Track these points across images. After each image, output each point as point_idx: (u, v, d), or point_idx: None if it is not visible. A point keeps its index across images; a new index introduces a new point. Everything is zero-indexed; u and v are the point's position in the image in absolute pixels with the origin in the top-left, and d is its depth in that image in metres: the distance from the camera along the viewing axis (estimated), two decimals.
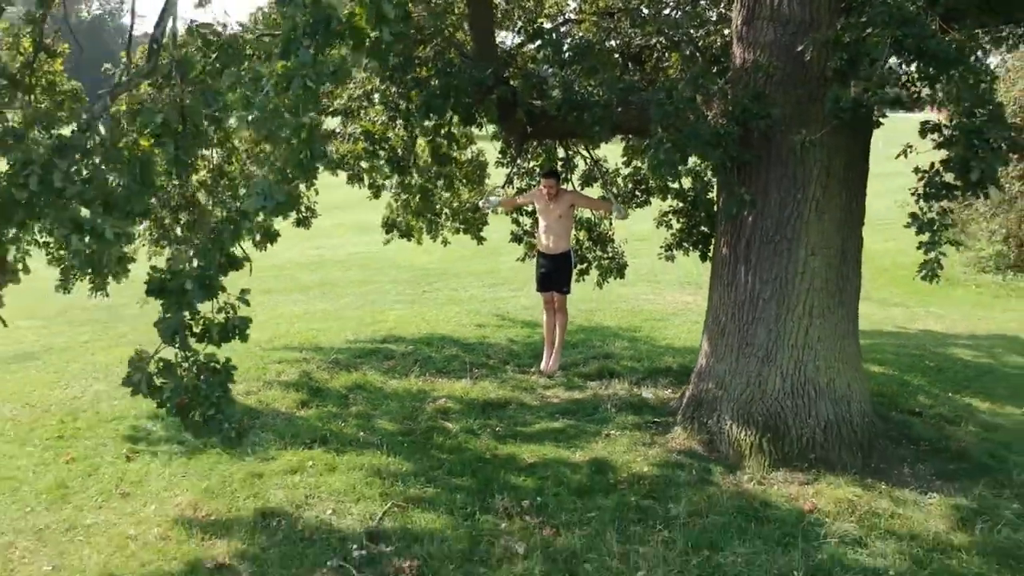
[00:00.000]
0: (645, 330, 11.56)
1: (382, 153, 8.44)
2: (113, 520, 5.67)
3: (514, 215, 10.39)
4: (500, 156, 9.84)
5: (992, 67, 6.90)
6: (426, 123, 7.61)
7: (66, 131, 3.30)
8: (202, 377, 3.59)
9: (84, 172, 3.04)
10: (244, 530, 5.48)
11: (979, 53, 5.78)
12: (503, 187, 9.63)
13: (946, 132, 5.60)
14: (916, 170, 5.76)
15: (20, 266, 4.30)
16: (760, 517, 5.66)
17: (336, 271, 18.29)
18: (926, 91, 5.77)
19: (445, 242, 11.26)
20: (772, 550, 5.25)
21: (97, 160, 3.06)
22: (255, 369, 9.06)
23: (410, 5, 4.51)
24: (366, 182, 9.84)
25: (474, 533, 5.44)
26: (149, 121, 3.13)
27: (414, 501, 5.88)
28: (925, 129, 5.71)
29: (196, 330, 3.56)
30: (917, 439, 7.12)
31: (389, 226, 10.50)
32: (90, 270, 3.70)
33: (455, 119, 7.59)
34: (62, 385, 8.91)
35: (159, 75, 3.41)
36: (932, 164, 5.68)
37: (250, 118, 3.01)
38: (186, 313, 3.39)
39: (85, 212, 3.02)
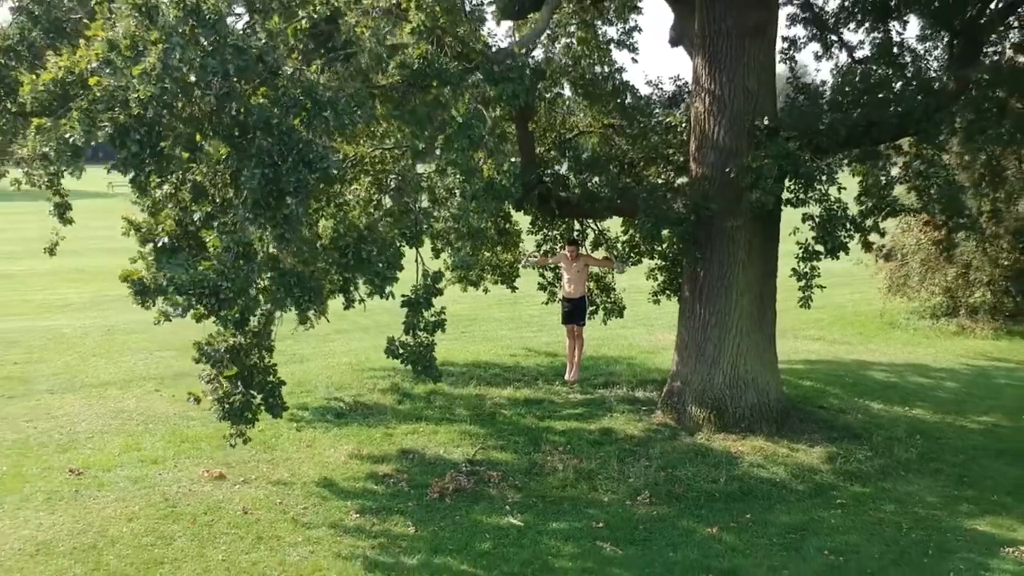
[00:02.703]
0: (639, 359, 15.12)
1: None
2: (310, 455, 9.27)
3: (541, 272, 14.10)
4: (531, 227, 13.61)
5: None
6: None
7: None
8: (421, 348, 7.26)
9: (375, 248, 6.68)
10: (393, 459, 9.12)
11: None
12: (537, 251, 13.40)
13: (816, 220, 9.39)
14: (798, 243, 9.47)
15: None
16: (705, 454, 9.29)
17: (385, 316, 21.85)
18: (802, 196, 9.51)
19: (486, 290, 14.91)
20: (709, 469, 8.87)
21: (375, 242, 6.71)
22: (357, 383, 12.64)
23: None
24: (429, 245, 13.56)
25: (531, 461, 9.07)
26: (403, 222, 6.91)
27: (492, 447, 9.51)
28: (804, 219, 9.51)
29: (420, 325, 7.22)
30: (818, 421, 10.72)
31: (461, 278, 14.13)
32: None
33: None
34: None
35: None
36: (807, 239, 9.41)
37: (457, 224, 6.82)
38: (417, 317, 7.09)
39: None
